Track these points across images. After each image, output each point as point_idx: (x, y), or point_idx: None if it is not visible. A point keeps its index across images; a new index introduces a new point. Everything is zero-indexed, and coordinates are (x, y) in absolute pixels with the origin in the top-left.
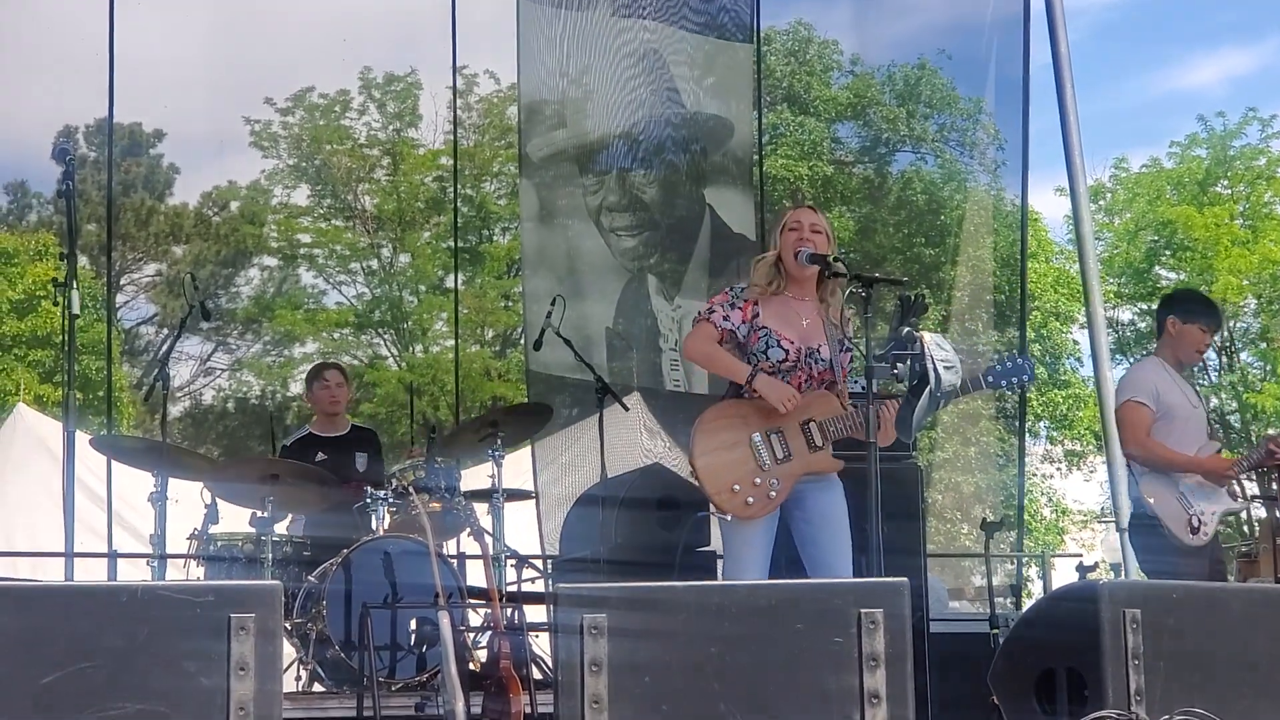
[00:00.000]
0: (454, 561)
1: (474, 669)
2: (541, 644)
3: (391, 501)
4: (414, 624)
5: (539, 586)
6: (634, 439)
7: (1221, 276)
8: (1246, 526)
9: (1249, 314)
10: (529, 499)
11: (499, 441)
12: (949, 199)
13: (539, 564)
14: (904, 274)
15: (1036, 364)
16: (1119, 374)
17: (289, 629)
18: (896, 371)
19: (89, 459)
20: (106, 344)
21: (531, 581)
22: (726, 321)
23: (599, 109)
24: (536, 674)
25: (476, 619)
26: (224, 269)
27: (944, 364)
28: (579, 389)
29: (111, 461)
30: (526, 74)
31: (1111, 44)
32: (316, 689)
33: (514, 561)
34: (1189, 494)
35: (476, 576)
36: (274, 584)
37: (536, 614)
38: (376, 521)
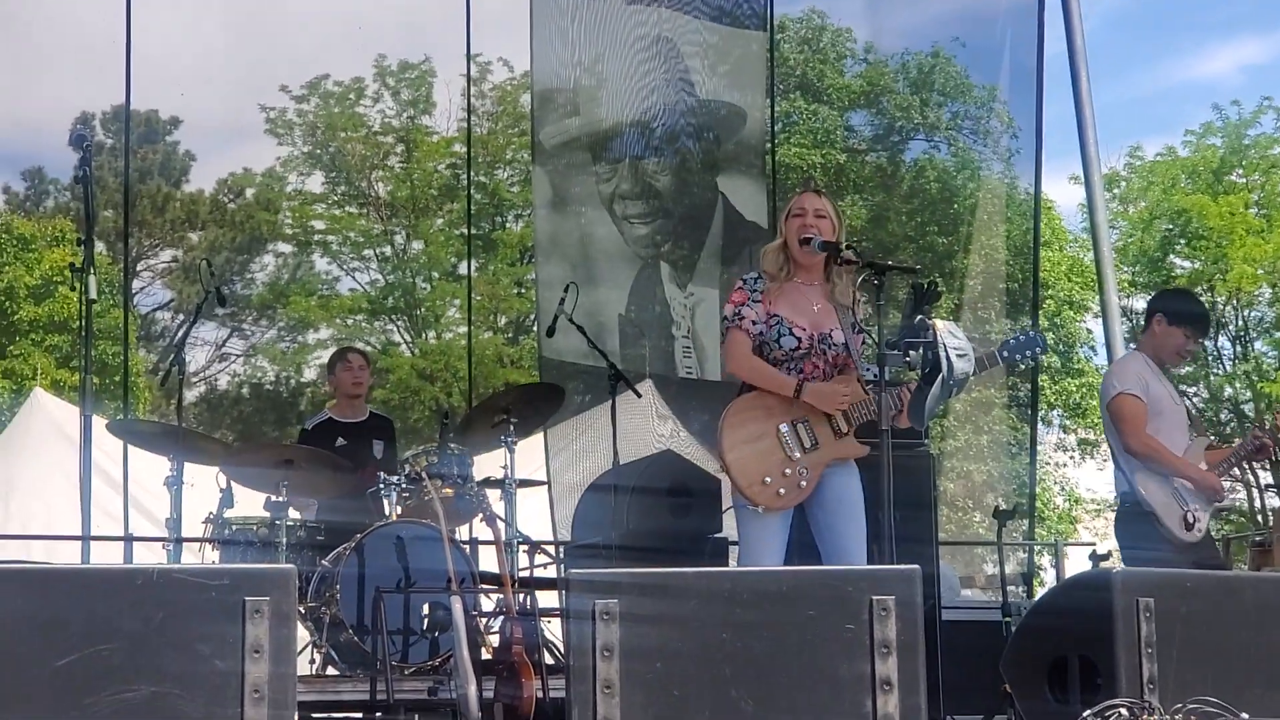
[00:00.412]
0: (466, 547)
1: (486, 654)
2: (553, 629)
3: (404, 487)
4: (426, 609)
5: (551, 572)
6: (646, 425)
7: (1236, 265)
8: (1260, 516)
9: (1263, 303)
10: (541, 486)
11: (511, 428)
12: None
13: (551, 549)
14: (917, 262)
15: (1050, 352)
16: None
17: (303, 613)
18: (909, 359)
19: (105, 443)
20: (123, 329)
21: (544, 567)
22: (756, 325)
23: (612, 97)
24: (548, 659)
25: (489, 604)
26: (239, 255)
27: (957, 352)
28: (591, 375)
29: (128, 446)
30: (540, 62)
31: (1126, 32)
32: (330, 672)
33: (526, 547)
34: (1183, 490)
35: (489, 562)
36: (288, 568)
37: (549, 599)
38: (389, 507)
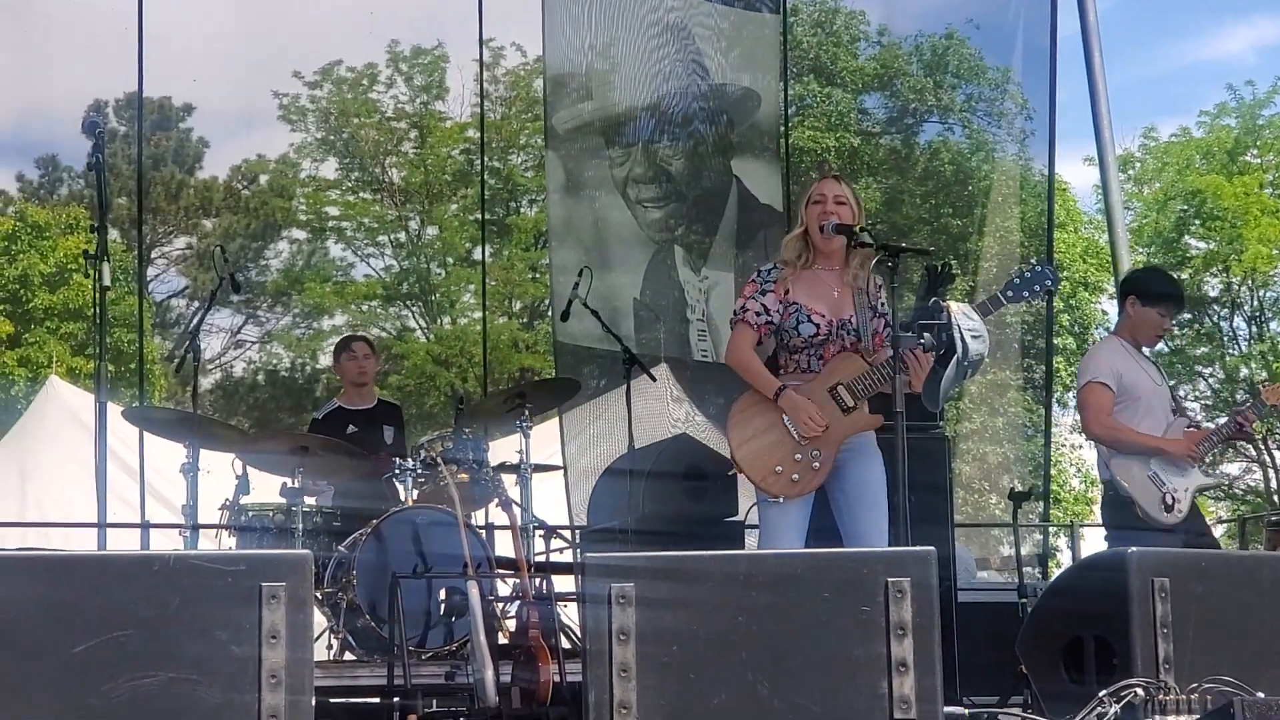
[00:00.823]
0: (482, 532)
1: (503, 638)
2: (570, 614)
3: (420, 473)
4: (443, 594)
5: (567, 557)
6: (661, 409)
7: (1251, 246)
8: (1277, 496)
9: (1278, 283)
10: (556, 471)
11: (526, 413)
12: (976, 169)
13: (567, 534)
14: (931, 244)
15: (1065, 334)
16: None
17: (319, 598)
18: (923, 341)
19: (121, 430)
20: (138, 317)
21: (560, 552)
22: (761, 315)
23: (625, 81)
24: (565, 643)
25: (505, 589)
26: (253, 242)
27: (971, 333)
28: (606, 360)
29: (143, 433)
30: (552, 46)
31: (1140, 12)
32: (347, 658)
33: (542, 532)
34: (1161, 472)
35: (505, 547)
36: (305, 553)
37: (565, 584)
38: (405, 492)
